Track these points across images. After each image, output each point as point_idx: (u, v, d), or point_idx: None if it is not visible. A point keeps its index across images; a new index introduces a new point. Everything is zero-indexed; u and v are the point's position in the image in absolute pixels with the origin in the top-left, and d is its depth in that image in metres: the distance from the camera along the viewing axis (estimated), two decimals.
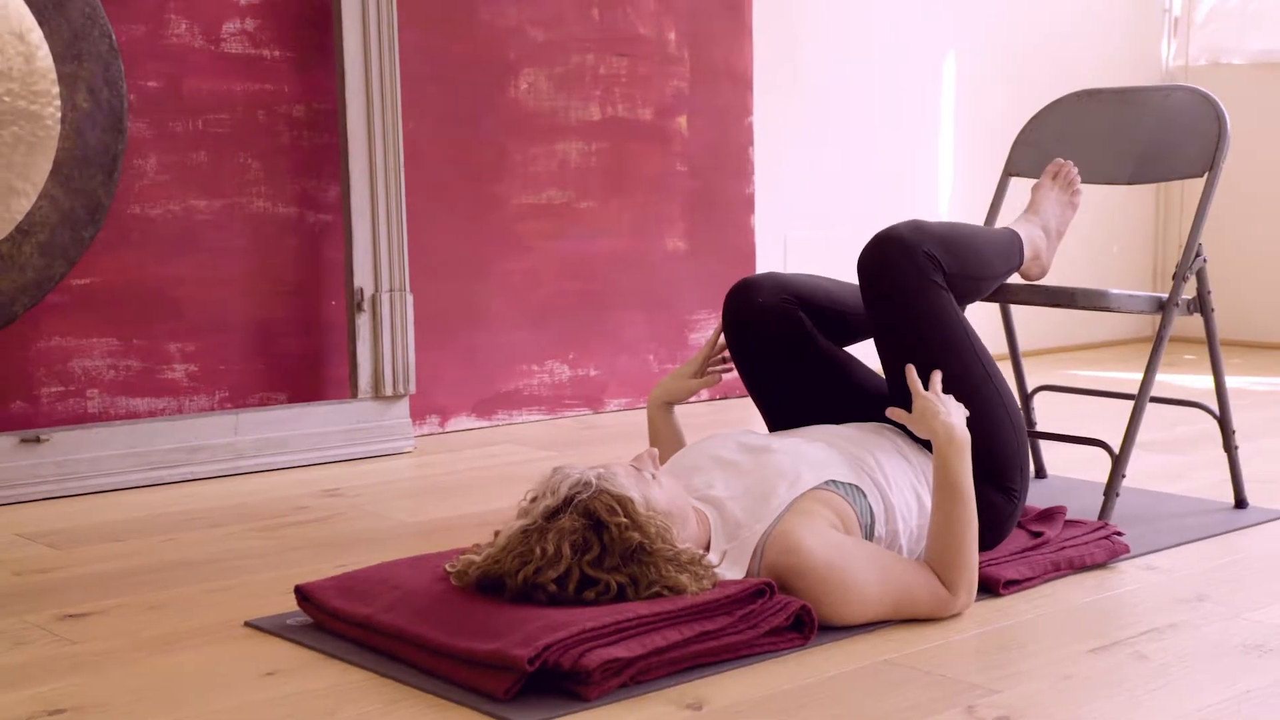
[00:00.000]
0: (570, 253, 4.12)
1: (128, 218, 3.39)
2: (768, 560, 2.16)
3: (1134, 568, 2.55)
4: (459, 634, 1.99)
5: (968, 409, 2.38)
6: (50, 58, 2.97)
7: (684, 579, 2.05)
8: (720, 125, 4.39)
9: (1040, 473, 3.25)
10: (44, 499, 3.16)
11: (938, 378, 2.38)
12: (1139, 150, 3.05)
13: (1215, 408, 2.97)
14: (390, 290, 3.62)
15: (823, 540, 2.15)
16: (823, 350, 2.61)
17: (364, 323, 3.61)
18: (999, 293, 2.78)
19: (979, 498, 2.33)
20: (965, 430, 2.28)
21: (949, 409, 2.30)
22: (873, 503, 2.31)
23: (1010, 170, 3.21)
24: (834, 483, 2.27)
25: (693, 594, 2.04)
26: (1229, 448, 2.97)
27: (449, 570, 2.17)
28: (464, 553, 2.21)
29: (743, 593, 2.08)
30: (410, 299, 3.66)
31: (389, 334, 3.63)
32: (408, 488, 3.30)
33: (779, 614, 2.09)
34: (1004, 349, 3.27)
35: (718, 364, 2.74)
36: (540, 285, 4.07)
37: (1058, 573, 2.47)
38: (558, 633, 1.91)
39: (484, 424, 3.99)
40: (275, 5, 3.57)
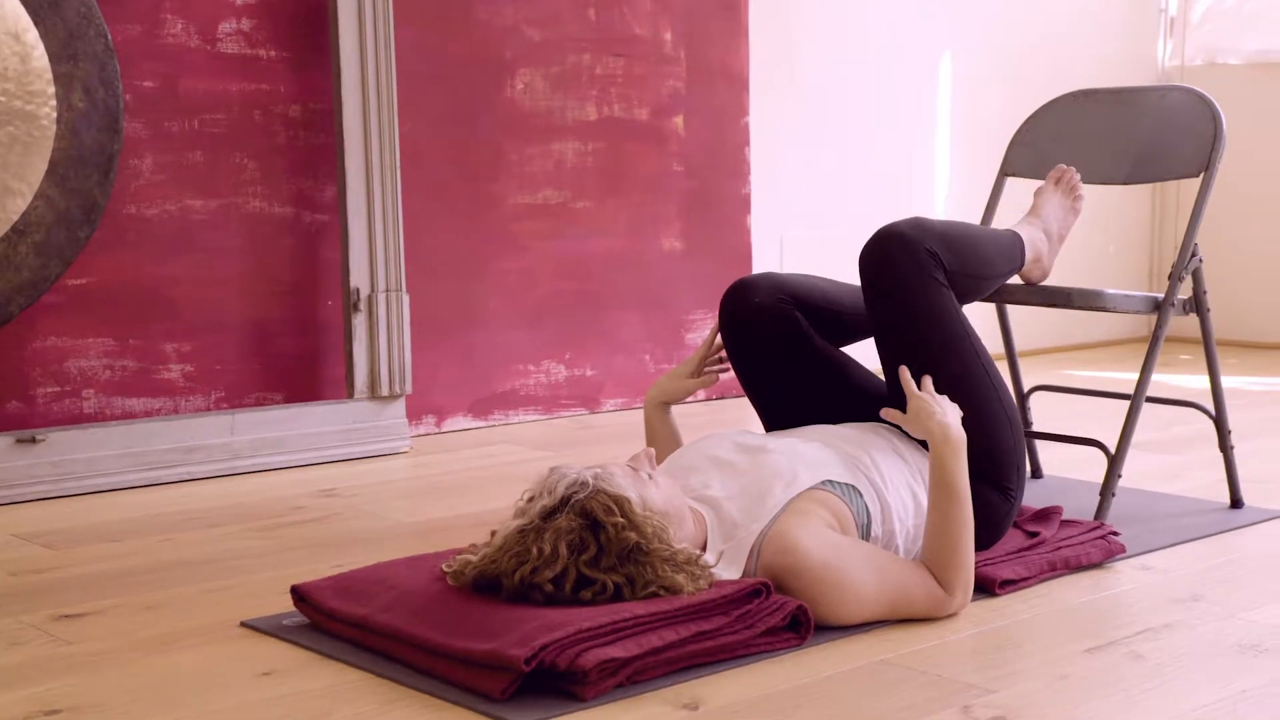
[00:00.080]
0: (566, 252, 4.12)
1: (123, 218, 3.39)
2: (764, 560, 2.16)
3: (1130, 568, 2.55)
4: (455, 634, 1.99)
5: (966, 407, 2.38)
6: (46, 57, 2.97)
7: (680, 579, 2.05)
8: (716, 125, 4.40)
9: (1036, 473, 3.25)
10: (40, 499, 3.16)
11: (929, 380, 2.38)
12: (1135, 150, 3.05)
13: (1211, 408, 2.97)
14: (386, 290, 3.62)
15: (819, 540, 2.16)
16: (819, 350, 2.61)
17: (360, 323, 3.60)
18: (995, 293, 2.79)
19: (975, 496, 2.33)
20: (961, 430, 2.28)
21: (944, 409, 2.30)
22: (869, 502, 2.31)
23: (1006, 170, 3.21)
24: (830, 483, 2.27)
25: (689, 594, 2.04)
26: (1225, 448, 2.97)
27: (445, 570, 2.17)
28: (460, 553, 2.21)
29: (739, 593, 2.08)
30: (406, 299, 3.65)
31: (385, 334, 3.63)
32: (404, 488, 3.30)
33: (775, 614, 2.09)
34: (1000, 349, 3.27)
35: (714, 364, 2.74)
36: (536, 285, 4.07)
37: (1054, 573, 2.47)
38: (554, 633, 1.91)
39: (480, 424, 3.99)
40: (271, 5, 3.56)
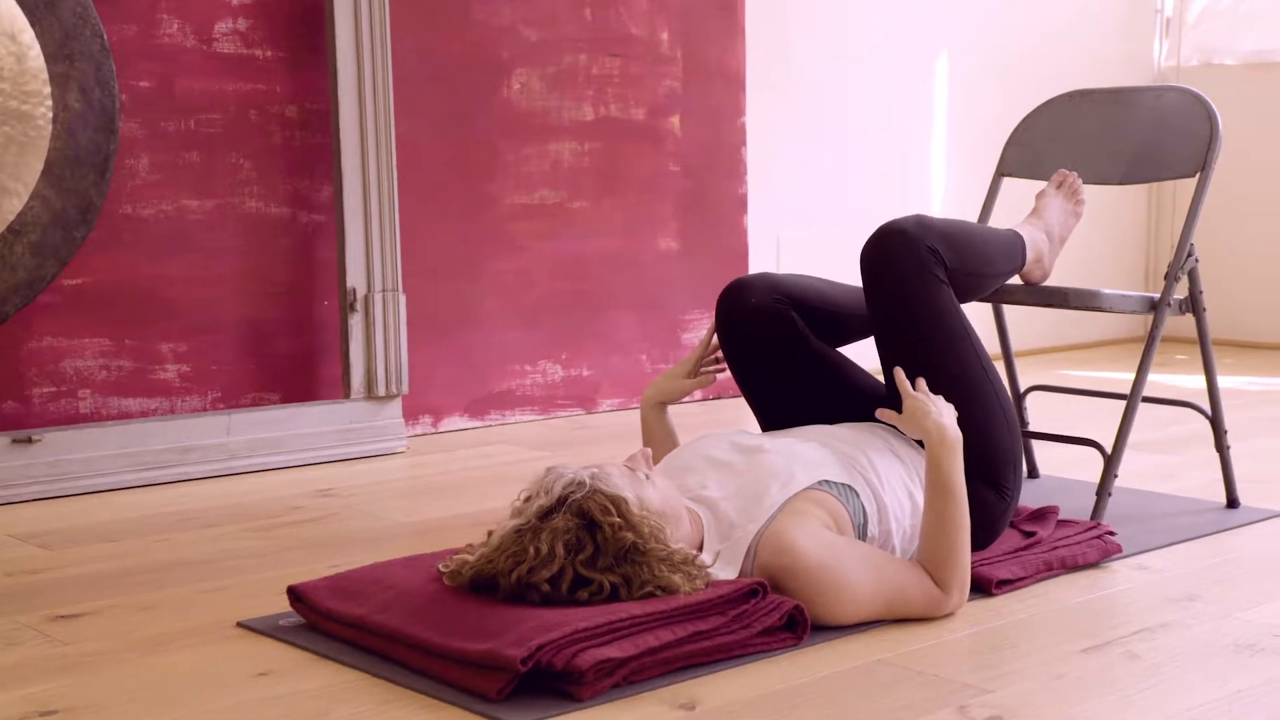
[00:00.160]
0: (563, 253, 4.12)
1: (120, 218, 3.39)
2: (761, 560, 2.16)
3: (1126, 567, 2.55)
4: (452, 634, 1.99)
5: (963, 405, 2.39)
6: (42, 57, 2.96)
7: (677, 579, 2.05)
8: (713, 125, 4.40)
9: (1033, 472, 3.26)
10: (36, 499, 3.16)
11: (923, 381, 2.38)
12: (1131, 150, 3.05)
13: (1207, 407, 2.97)
14: (383, 290, 3.62)
15: (815, 540, 2.16)
16: (815, 350, 2.61)
17: (357, 323, 3.60)
18: (992, 293, 2.79)
19: (971, 495, 2.34)
20: (956, 430, 2.28)
21: (940, 409, 2.30)
22: (865, 502, 2.31)
23: (1002, 170, 3.22)
24: (827, 483, 2.27)
25: (686, 594, 2.04)
26: (1221, 448, 2.98)
27: (442, 570, 2.17)
28: (457, 553, 2.21)
29: (736, 593, 2.08)
30: (403, 299, 3.65)
31: (382, 334, 3.63)
32: (401, 488, 3.30)
33: (772, 614, 2.09)
34: (996, 349, 3.27)
35: (711, 364, 2.74)
36: (533, 285, 4.07)
37: (1050, 572, 2.47)
38: (551, 633, 1.91)
39: (477, 424, 3.99)
40: (267, 5, 3.56)
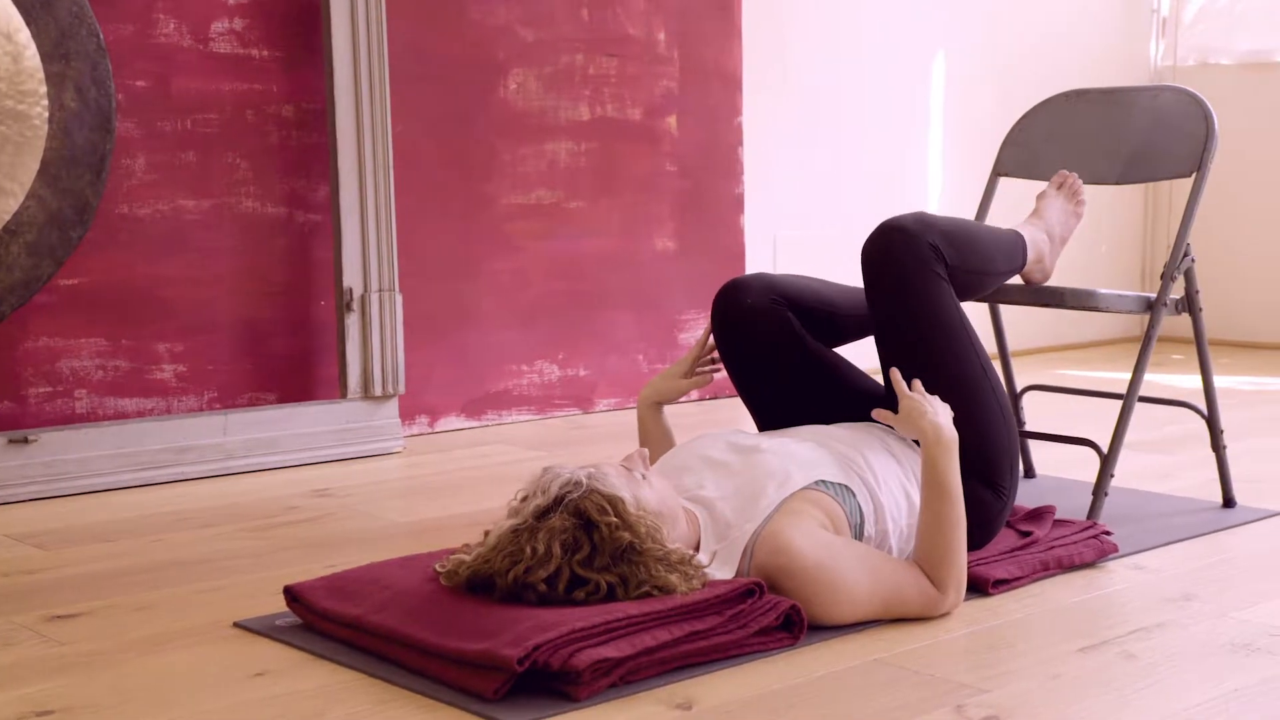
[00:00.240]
0: (560, 252, 4.12)
1: (116, 218, 3.39)
2: (757, 560, 2.16)
3: (1122, 567, 2.55)
4: (448, 634, 1.99)
5: (961, 403, 2.39)
6: (38, 57, 2.96)
7: (674, 579, 2.05)
8: (710, 125, 4.40)
9: (1029, 472, 3.26)
10: (32, 500, 3.15)
11: (919, 383, 2.38)
12: (1127, 150, 3.05)
13: (1203, 407, 2.98)
14: (379, 290, 3.62)
15: (812, 540, 2.16)
16: (811, 351, 2.61)
17: (353, 323, 3.60)
18: (989, 292, 2.79)
19: (968, 494, 2.34)
20: (952, 429, 2.29)
21: (935, 408, 2.31)
22: (862, 502, 2.31)
23: (999, 170, 3.22)
24: (823, 483, 2.27)
25: (682, 594, 2.04)
26: (1217, 447, 2.98)
27: (439, 570, 2.17)
28: (454, 552, 2.21)
29: (732, 593, 2.08)
30: (399, 299, 3.65)
31: (378, 334, 3.62)
32: (398, 488, 3.30)
33: (768, 614, 2.09)
34: (993, 348, 3.27)
35: (707, 364, 2.74)
36: (530, 285, 4.07)
37: (1046, 572, 2.47)
38: (547, 633, 1.91)
39: (473, 424, 3.98)
40: (264, 5, 3.56)
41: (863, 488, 2.33)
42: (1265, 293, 5.52)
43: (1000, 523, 2.51)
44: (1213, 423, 2.98)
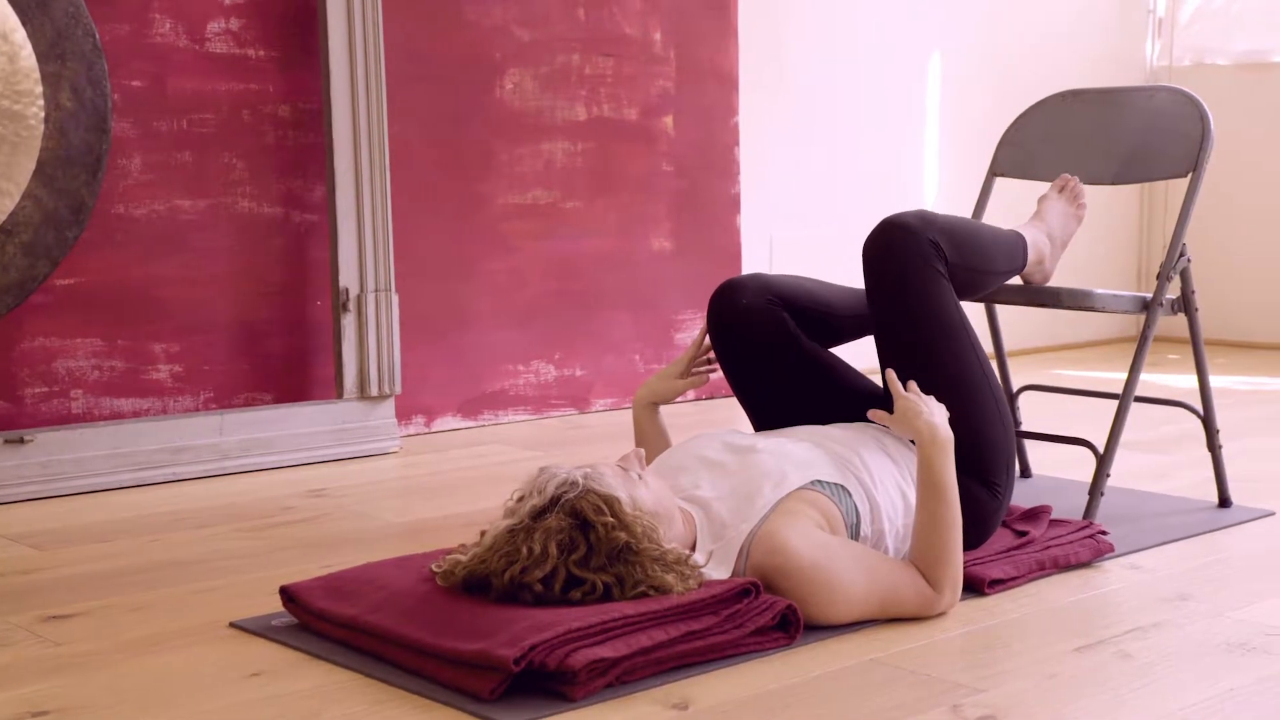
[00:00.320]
0: (556, 253, 4.12)
1: (112, 218, 3.38)
2: (753, 560, 2.17)
3: (1118, 567, 2.56)
4: (444, 634, 1.99)
5: (959, 401, 2.39)
6: (34, 57, 2.96)
7: (670, 579, 2.05)
8: (706, 125, 4.40)
9: (1025, 472, 3.26)
10: (28, 500, 3.15)
11: (914, 384, 2.38)
12: (1123, 150, 3.06)
13: (1199, 407, 2.98)
14: (376, 290, 3.62)
15: (808, 540, 2.16)
16: (807, 351, 2.61)
17: (349, 323, 3.60)
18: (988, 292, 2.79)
19: (963, 492, 2.34)
20: (948, 429, 2.29)
21: (931, 409, 2.31)
22: (858, 502, 2.31)
23: (995, 170, 3.22)
24: (819, 483, 2.27)
25: (678, 594, 2.04)
26: (1213, 447, 2.98)
27: (435, 570, 2.17)
28: (450, 553, 2.21)
29: (728, 592, 2.08)
30: (396, 299, 3.65)
31: (374, 334, 3.62)
32: (394, 488, 3.30)
33: (764, 614, 2.09)
34: (989, 348, 3.27)
35: (703, 364, 2.74)
36: (526, 285, 4.07)
37: (1042, 572, 2.48)
38: (543, 633, 1.91)
39: (470, 424, 3.98)
40: (260, 5, 3.56)
41: (859, 488, 2.33)
42: (1261, 293, 5.52)
43: (996, 522, 2.51)
44: (1208, 423, 2.98)
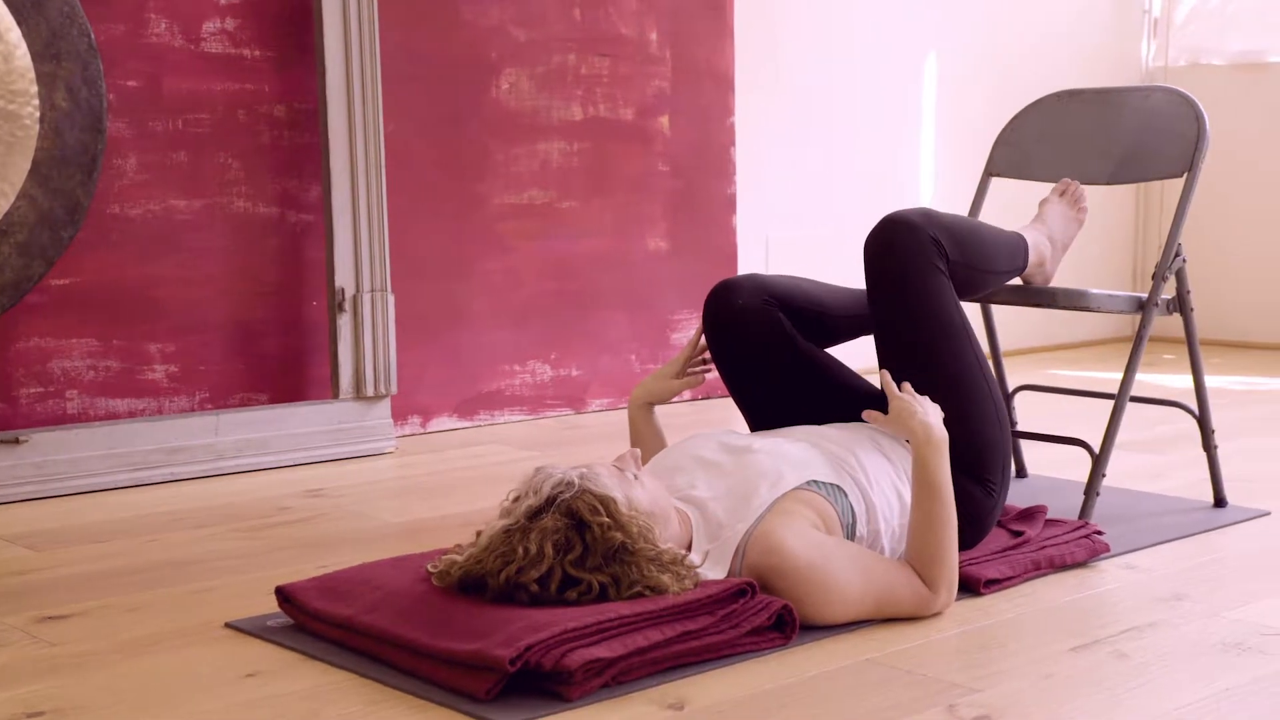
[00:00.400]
0: (552, 253, 4.12)
1: (107, 218, 3.38)
2: (749, 560, 2.17)
3: (1114, 567, 2.56)
4: (440, 634, 1.98)
5: (956, 399, 2.39)
6: (29, 57, 2.96)
7: (666, 579, 2.05)
8: (702, 125, 4.40)
9: (1021, 472, 3.26)
10: (23, 500, 3.15)
11: (908, 385, 2.38)
12: (1119, 150, 3.06)
13: (1195, 407, 2.98)
14: (371, 290, 3.62)
15: (804, 540, 2.16)
16: (803, 351, 2.62)
17: (345, 323, 3.60)
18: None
19: (958, 490, 2.34)
20: (943, 429, 2.29)
21: (925, 409, 2.31)
22: (854, 502, 2.31)
23: (991, 170, 3.22)
24: (815, 483, 2.27)
25: (674, 594, 2.04)
26: (1208, 447, 2.98)
27: (431, 570, 2.17)
28: (446, 553, 2.21)
29: (724, 593, 2.08)
30: (392, 299, 3.65)
31: (370, 334, 3.62)
32: (390, 488, 3.30)
33: (760, 614, 2.09)
34: (986, 348, 3.27)
35: (699, 365, 2.74)
36: (522, 285, 4.07)
37: (1038, 572, 2.48)
38: (539, 633, 1.90)
39: (466, 424, 3.98)
40: (255, 4, 3.56)
41: (855, 488, 2.33)
42: (1256, 292, 5.53)
43: (991, 521, 2.51)
44: (1204, 422, 2.98)
